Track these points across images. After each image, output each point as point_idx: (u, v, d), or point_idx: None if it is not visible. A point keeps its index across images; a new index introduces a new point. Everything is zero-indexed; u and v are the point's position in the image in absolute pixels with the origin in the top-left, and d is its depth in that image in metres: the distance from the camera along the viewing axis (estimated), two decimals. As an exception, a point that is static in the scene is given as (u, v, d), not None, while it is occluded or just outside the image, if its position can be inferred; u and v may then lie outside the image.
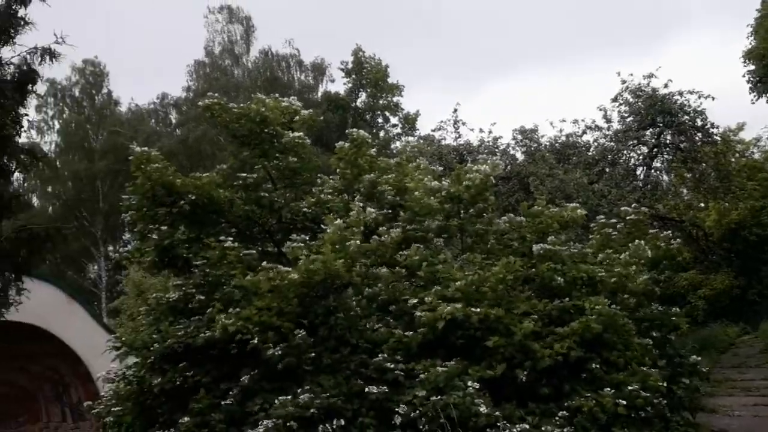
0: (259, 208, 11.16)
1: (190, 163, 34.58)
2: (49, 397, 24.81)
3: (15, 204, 8.38)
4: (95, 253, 40.59)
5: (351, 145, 11.66)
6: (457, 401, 8.05)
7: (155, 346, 9.29)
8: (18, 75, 8.44)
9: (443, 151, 21.39)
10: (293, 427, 7.93)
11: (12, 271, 8.47)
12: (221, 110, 11.51)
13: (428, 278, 9.96)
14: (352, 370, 8.87)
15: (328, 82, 43.18)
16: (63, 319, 21.69)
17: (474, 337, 8.96)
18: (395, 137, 39.10)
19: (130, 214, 10.72)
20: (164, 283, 12.25)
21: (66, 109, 41.94)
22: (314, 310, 9.24)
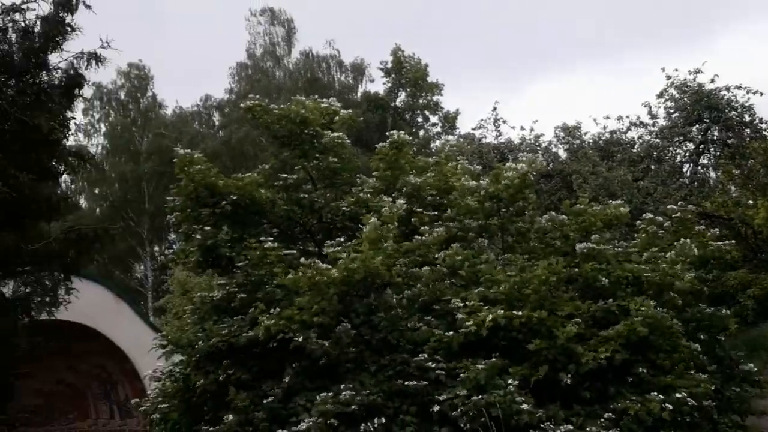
0: (300, 208, 11.25)
1: (233, 164, 35.00)
2: (98, 394, 25.38)
3: (63, 206, 8.60)
4: (141, 253, 41.38)
5: (391, 146, 11.67)
6: (497, 399, 7.98)
7: (200, 344, 9.44)
8: (65, 80, 8.65)
9: (483, 150, 21.23)
10: (334, 424, 7.97)
11: (61, 271, 8.69)
12: (262, 112, 11.62)
13: (470, 278, 9.90)
14: (393, 369, 8.89)
15: (368, 82, 43.35)
16: (110, 318, 22.17)
17: (516, 339, 8.88)
18: (435, 136, 39.01)
19: (174, 215, 10.91)
20: (208, 283, 12.43)
21: (112, 112, 42.81)
22: (355, 309, 9.28)
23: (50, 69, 8.68)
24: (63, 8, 8.06)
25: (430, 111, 39.57)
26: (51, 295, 8.88)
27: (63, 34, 8.15)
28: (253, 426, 8.45)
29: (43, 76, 8.54)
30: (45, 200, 8.02)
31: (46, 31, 8.03)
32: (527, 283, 9.28)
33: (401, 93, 39.13)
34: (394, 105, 38.81)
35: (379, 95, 38.97)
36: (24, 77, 8.11)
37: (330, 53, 43.47)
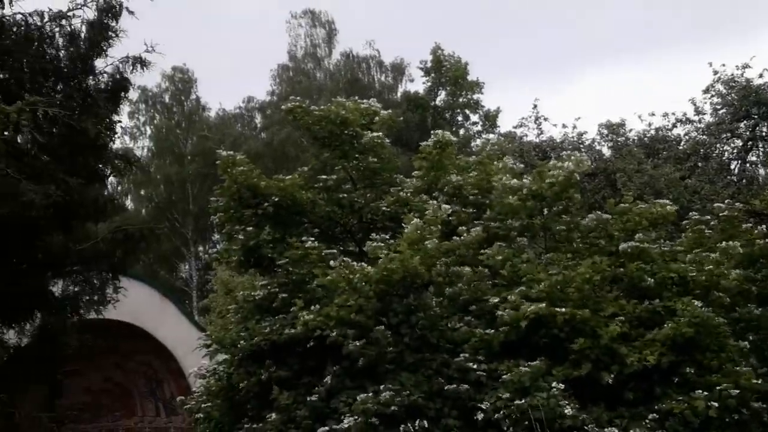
0: (340, 209, 11.31)
1: (275, 165, 35.33)
2: (144, 392, 25.88)
3: (110, 207, 8.80)
4: (186, 253, 42.05)
5: (435, 145, 11.64)
6: (541, 402, 7.92)
7: (242, 343, 9.56)
8: (111, 84, 8.84)
9: (525, 149, 21.05)
10: (375, 423, 8.00)
11: (109, 270, 8.89)
12: (303, 113, 11.71)
13: (511, 278, 9.82)
14: (433, 370, 8.88)
15: (408, 81, 43.33)
16: (156, 316, 22.59)
17: (558, 338, 8.78)
18: (475, 135, 38.79)
19: (218, 215, 11.08)
20: (251, 282, 12.58)
21: (157, 115, 43.62)
22: (394, 309, 9.29)
23: (96, 74, 8.88)
24: (107, 14, 8.24)
25: (470, 110, 39.35)
26: (99, 294, 9.09)
27: (108, 39, 8.34)
28: (295, 424, 8.53)
29: (90, 80, 8.74)
30: (92, 202, 8.21)
31: (92, 36, 8.23)
32: (570, 282, 9.17)
33: (441, 92, 39.00)
34: (434, 104, 38.70)
35: (419, 95, 38.90)
36: (71, 82, 8.32)
37: (370, 54, 43.63)
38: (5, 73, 7.25)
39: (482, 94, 38.86)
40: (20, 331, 8.07)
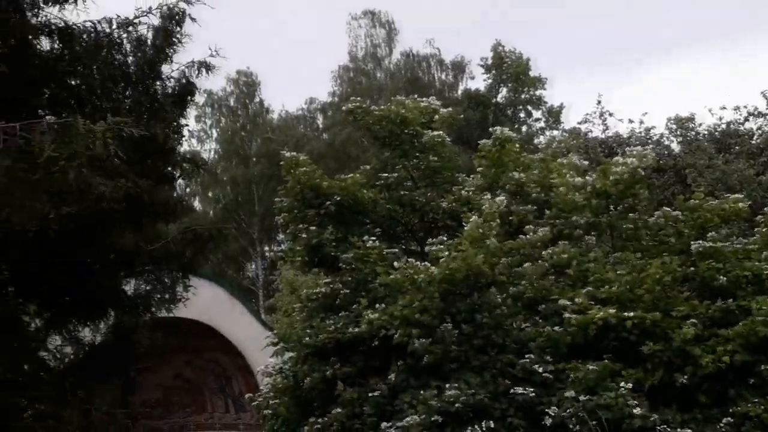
0: (401, 208, 11.35)
1: (337, 165, 35.62)
2: (213, 389, 26.50)
3: (179, 208, 9.01)
4: (252, 253, 42.83)
5: (494, 143, 11.54)
6: (608, 402, 7.75)
7: (307, 341, 9.70)
8: (177, 89, 9.04)
9: (590, 145, 20.63)
10: (438, 421, 8.00)
11: (179, 269, 9.10)
12: (363, 113, 11.79)
13: (577, 277, 9.66)
14: (498, 369, 8.80)
15: (468, 79, 43.02)
16: (225, 315, 23.10)
17: (628, 341, 8.58)
18: (538, 132, 38.28)
19: (282, 216, 11.27)
20: (315, 281, 12.74)
21: (223, 119, 44.61)
22: (458, 308, 9.25)
23: (163, 79, 9.09)
24: (171, 21, 8.45)
25: (533, 106, 38.85)
26: (170, 292, 9.30)
27: (173, 45, 8.53)
28: (360, 420, 8.60)
29: (157, 85, 8.96)
30: (163, 203, 8.43)
31: (158, 42, 8.45)
32: (640, 283, 8.95)
33: (502, 89, 38.63)
34: (496, 101, 38.36)
35: (480, 92, 38.60)
36: (139, 87, 8.55)
37: (430, 52, 43.51)
38: (76, 79, 7.51)
39: (545, 90, 38.35)
40: (94, 330, 8.34)
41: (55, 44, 7.55)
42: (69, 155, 4.57)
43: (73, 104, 7.55)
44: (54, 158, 4.52)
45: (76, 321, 8.09)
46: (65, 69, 7.27)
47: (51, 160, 4.51)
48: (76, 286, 7.59)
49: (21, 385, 6.45)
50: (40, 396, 6.59)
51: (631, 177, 10.09)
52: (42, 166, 4.52)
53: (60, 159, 4.54)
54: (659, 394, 8.35)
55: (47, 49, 7.52)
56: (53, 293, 7.57)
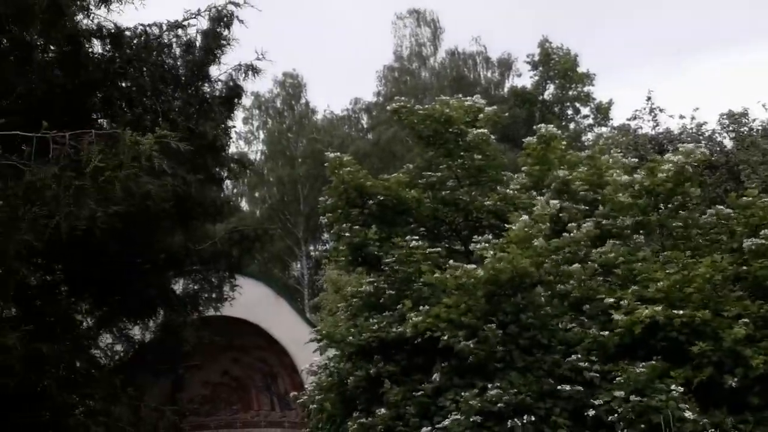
0: (445, 207, 11.31)
1: (382, 164, 35.72)
2: (260, 386, 26.81)
3: (227, 208, 9.14)
4: (297, 253, 43.28)
5: (539, 140, 11.41)
6: (658, 405, 7.58)
7: (351, 339, 9.75)
8: (225, 91, 9.18)
9: (639, 142, 20.20)
10: (478, 421, 7.95)
11: (226, 269, 9.23)
12: (407, 113, 11.78)
13: (625, 277, 9.48)
14: (544, 370, 8.70)
15: (515, 77, 42.64)
16: (270, 313, 23.34)
17: (677, 341, 8.38)
18: (586, 129, 37.71)
19: (327, 216, 11.34)
20: (358, 280, 12.79)
21: (269, 120, 45.21)
22: (503, 308, 9.17)
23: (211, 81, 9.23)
24: (219, 23, 8.58)
25: (580, 102, 38.30)
26: (217, 291, 9.45)
27: (221, 47, 8.66)
28: (403, 421, 8.60)
29: (206, 87, 9.10)
30: (211, 203, 8.57)
31: (206, 45, 8.59)
32: (689, 282, 8.74)
33: (549, 85, 38.18)
34: (542, 98, 37.94)
35: (527, 89, 38.22)
36: (188, 89, 8.71)
37: (476, 50, 43.28)
38: (128, 81, 7.69)
39: (593, 86, 37.83)
40: (144, 328, 8.53)
41: (107, 47, 7.75)
42: (115, 166, 4.69)
43: (123, 106, 7.72)
44: (101, 168, 4.64)
45: (126, 319, 8.29)
46: (117, 71, 7.45)
47: (97, 169, 4.64)
48: (127, 286, 7.77)
49: (73, 383, 6.62)
50: (92, 393, 6.75)
51: (680, 174, 9.85)
52: (89, 176, 4.64)
53: (106, 169, 4.66)
54: (708, 395, 8.14)
55: (99, 52, 7.71)
56: (104, 293, 7.77)
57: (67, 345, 6.45)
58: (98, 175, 4.62)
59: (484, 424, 8.00)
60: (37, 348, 6.01)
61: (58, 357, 6.23)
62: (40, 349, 6.02)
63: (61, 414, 6.61)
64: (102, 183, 4.64)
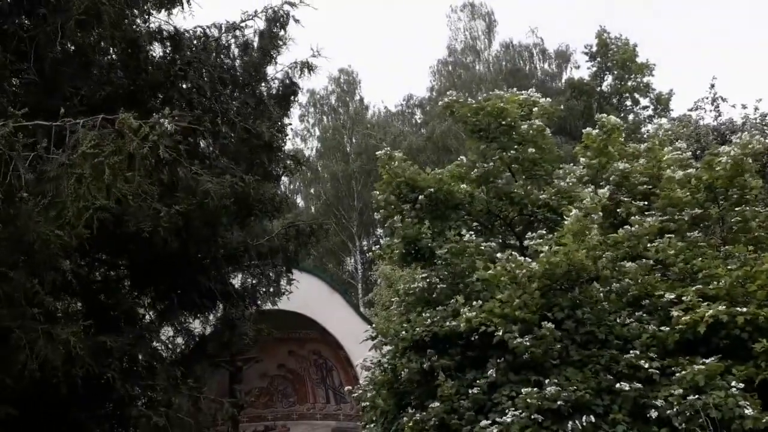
0: (499, 201, 11.21)
1: (436, 158, 35.66)
2: (315, 379, 27.18)
3: (284, 204, 9.26)
4: (351, 248, 43.58)
5: (600, 132, 11.20)
6: (717, 402, 7.39)
7: (404, 334, 9.78)
8: (282, 89, 9.31)
9: (701, 133, 19.65)
10: (539, 420, 7.87)
11: (283, 263, 9.35)
12: (460, 107, 11.74)
13: (684, 272, 9.25)
14: (601, 366, 8.56)
15: (573, 68, 41.92)
16: (325, 308, 23.61)
17: (739, 338, 8.14)
18: (646, 120, 36.76)
19: (380, 211, 11.40)
20: (412, 275, 12.81)
21: (324, 117, 45.62)
22: (559, 303, 9.06)
23: (268, 80, 9.38)
24: (275, 23, 8.71)
25: (639, 93, 37.33)
26: (274, 286, 9.58)
27: (277, 47, 8.80)
28: (458, 414, 8.59)
29: (262, 87, 9.26)
30: (268, 200, 8.71)
31: (263, 45, 8.74)
32: (752, 278, 8.47)
33: (608, 77, 37.37)
34: (600, 89, 37.15)
35: (584, 81, 37.50)
36: (246, 89, 8.87)
37: (532, 42, 42.77)
38: (187, 83, 7.88)
39: (653, 76, 36.83)
40: (204, 321, 8.73)
41: (167, 49, 7.96)
42: (110, 152, 4.68)
43: (184, 107, 7.93)
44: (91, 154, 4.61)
45: (186, 313, 8.51)
46: (177, 73, 7.63)
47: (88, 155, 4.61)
48: (188, 281, 7.97)
49: (136, 374, 6.82)
50: (153, 384, 6.94)
51: (737, 167, 9.54)
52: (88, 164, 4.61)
53: (98, 155, 4.64)
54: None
55: (160, 54, 7.93)
56: (166, 287, 7.99)
57: (130, 338, 6.65)
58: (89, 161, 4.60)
59: (543, 423, 7.92)
60: (101, 341, 6.22)
61: (121, 349, 6.43)
62: (104, 341, 6.24)
63: (124, 405, 6.82)
64: (93, 170, 4.62)
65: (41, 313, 5.46)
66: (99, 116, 4.84)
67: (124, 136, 4.72)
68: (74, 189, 4.65)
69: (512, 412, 8.05)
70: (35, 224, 4.75)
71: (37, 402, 6.06)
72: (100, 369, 6.16)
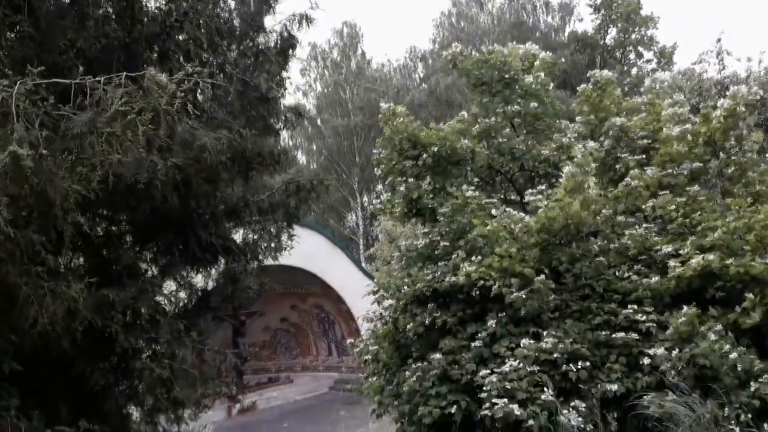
0: (500, 156, 11.17)
1: (438, 113, 35.43)
2: (317, 332, 27.60)
3: (284, 159, 9.22)
4: (353, 204, 43.66)
5: (594, 87, 11.11)
6: (703, 350, 7.47)
7: (405, 289, 9.87)
8: (280, 42, 9.18)
9: (704, 86, 19.47)
10: (535, 370, 8.01)
11: (283, 219, 9.37)
12: (463, 59, 11.61)
13: (683, 226, 9.27)
14: (600, 319, 8.65)
15: (576, 21, 41.40)
16: (327, 263, 23.82)
17: (734, 289, 8.19)
18: (649, 74, 36.42)
19: (380, 167, 11.37)
20: (413, 231, 12.86)
21: (326, 71, 45.21)
22: (557, 258, 9.11)
23: (266, 32, 9.25)
24: (273, -29, 8.57)
25: (643, 47, 36.93)
26: (275, 241, 9.60)
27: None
28: (459, 365, 8.72)
29: (260, 39, 9.13)
30: (268, 155, 8.68)
31: (261, -5, 8.61)
32: (749, 229, 8.48)
33: (611, 30, 36.88)
34: (604, 43, 36.73)
35: (587, 34, 37.02)
36: (243, 41, 8.76)
37: (537, -6, 42.14)
38: (184, 35, 7.78)
39: (657, 29, 36.48)
40: (206, 276, 8.79)
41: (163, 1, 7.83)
42: (140, 109, 4.70)
43: (180, 59, 7.84)
44: (123, 112, 4.64)
45: (188, 268, 8.56)
46: (173, 25, 7.53)
47: (119, 113, 4.64)
48: (189, 236, 8.01)
49: (139, 328, 6.89)
50: (157, 338, 7.02)
51: (731, 118, 9.44)
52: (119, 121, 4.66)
53: (129, 113, 4.67)
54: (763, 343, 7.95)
55: (155, 5, 7.81)
56: (167, 242, 8.02)
57: (133, 292, 6.70)
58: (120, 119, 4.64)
59: (539, 372, 8.05)
60: (104, 295, 6.28)
61: (124, 303, 6.49)
62: (107, 296, 6.30)
63: (128, 357, 6.92)
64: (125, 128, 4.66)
65: (45, 271, 5.50)
66: (122, 74, 4.84)
67: (149, 94, 4.73)
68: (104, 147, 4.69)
69: (510, 362, 8.17)
70: (59, 180, 4.78)
71: (42, 357, 6.15)
72: (103, 323, 6.24)
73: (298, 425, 22.63)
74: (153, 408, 7.67)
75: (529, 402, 7.66)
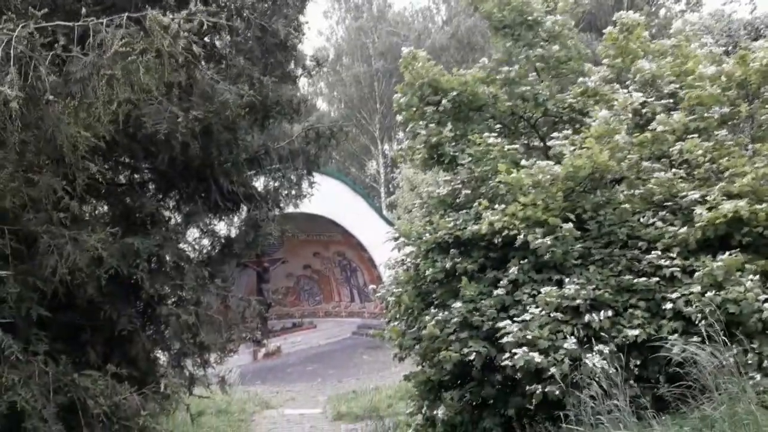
0: (523, 102, 10.97)
1: (460, 56, 34.89)
2: (340, 279, 27.91)
3: (303, 107, 9.15)
4: (374, 151, 43.51)
5: (620, 30, 10.80)
6: (736, 296, 7.41)
7: (427, 236, 9.86)
8: (297, -15, 8.98)
9: (734, 27, 18.87)
10: (558, 317, 8.01)
11: (304, 166, 9.36)
12: (484, 1, 11.32)
13: (710, 172, 9.10)
14: (623, 266, 8.59)
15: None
16: (348, 210, 23.93)
17: (761, 236, 8.08)
18: (677, 15, 35.38)
19: (401, 114, 11.24)
20: (434, 178, 12.78)
21: (348, 16, 44.53)
22: (582, 205, 9.03)
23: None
24: None
25: (672, -14, 35.78)
26: (296, 188, 9.62)
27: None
28: (480, 312, 8.76)
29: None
30: (287, 102, 8.61)
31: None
32: (778, 174, 8.31)
33: (640, -32, 35.68)
34: (632, -18, 35.60)
35: (614, -27, 35.88)
36: (260, -16, 8.59)
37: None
38: (202, -21, 7.62)
39: (687, -33, 35.09)
40: (229, 223, 8.86)
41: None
42: (142, 50, 4.59)
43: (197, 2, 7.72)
44: (124, 53, 4.55)
45: (211, 215, 8.63)
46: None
47: (119, 54, 4.55)
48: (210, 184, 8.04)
49: (164, 275, 6.99)
50: (181, 284, 7.13)
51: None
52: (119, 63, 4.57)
53: (129, 54, 4.57)
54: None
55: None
56: (189, 190, 8.07)
57: (157, 240, 6.77)
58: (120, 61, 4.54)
59: (561, 320, 8.06)
60: (128, 242, 6.36)
61: (149, 250, 6.56)
62: (132, 243, 6.37)
63: (154, 304, 7.05)
64: (124, 70, 4.57)
65: (67, 218, 5.56)
66: (123, 14, 4.74)
67: (151, 34, 4.63)
68: (105, 90, 4.61)
69: (532, 309, 8.17)
70: (65, 126, 4.75)
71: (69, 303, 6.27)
72: (128, 270, 6.33)
73: (322, 368, 23.12)
74: (179, 352, 7.84)
75: (552, 350, 7.69)
